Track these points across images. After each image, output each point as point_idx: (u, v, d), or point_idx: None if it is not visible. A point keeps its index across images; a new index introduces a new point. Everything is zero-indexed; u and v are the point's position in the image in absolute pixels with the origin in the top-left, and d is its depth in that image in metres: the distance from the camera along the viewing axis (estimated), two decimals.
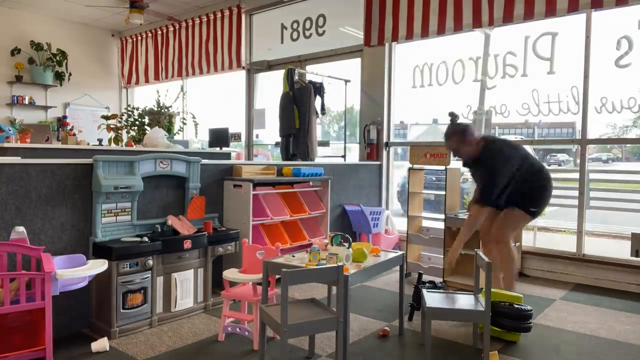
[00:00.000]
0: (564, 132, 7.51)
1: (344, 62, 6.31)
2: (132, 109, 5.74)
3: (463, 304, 2.80)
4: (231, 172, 4.25)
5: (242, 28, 7.20)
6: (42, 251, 2.77)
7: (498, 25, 4.97)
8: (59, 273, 2.61)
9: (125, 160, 3.34)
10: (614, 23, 4.46)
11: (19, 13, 7.79)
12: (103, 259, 2.99)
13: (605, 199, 4.84)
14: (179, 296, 3.44)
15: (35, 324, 2.79)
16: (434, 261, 4.63)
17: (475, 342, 3.02)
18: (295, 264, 2.80)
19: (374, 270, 3.00)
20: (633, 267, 4.27)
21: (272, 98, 6.23)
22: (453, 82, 5.34)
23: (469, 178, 6.85)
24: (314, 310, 2.57)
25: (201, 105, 7.80)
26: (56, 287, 2.65)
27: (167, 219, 3.57)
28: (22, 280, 2.56)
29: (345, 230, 5.28)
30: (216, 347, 3.00)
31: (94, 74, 8.81)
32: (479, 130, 5.28)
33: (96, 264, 2.90)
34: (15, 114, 7.71)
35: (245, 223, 4.02)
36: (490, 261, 2.59)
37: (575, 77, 4.57)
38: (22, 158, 3.05)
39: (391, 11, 5.61)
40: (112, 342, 3.02)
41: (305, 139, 5.62)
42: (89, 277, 2.84)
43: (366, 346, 3.03)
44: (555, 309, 3.79)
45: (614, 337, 3.22)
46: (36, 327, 2.78)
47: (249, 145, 7.31)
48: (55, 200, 3.08)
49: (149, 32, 8.56)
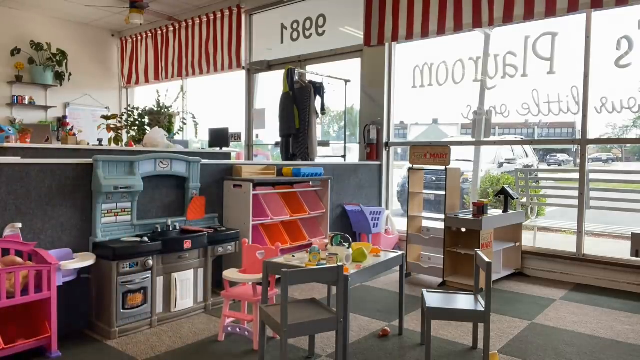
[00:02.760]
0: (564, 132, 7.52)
1: (344, 62, 6.31)
2: (132, 109, 5.74)
3: (463, 304, 2.80)
4: (231, 172, 4.25)
5: (242, 28, 7.19)
6: (34, 247, 2.89)
7: (498, 25, 4.97)
8: (62, 264, 2.80)
9: (125, 160, 3.34)
10: (614, 23, 4.46)
11: (19, 13, 7.79)
12: (90, 253, 3.15)
13: (605, 199, 4.84)
14: (179, 296, 3.44)
15: (33, 316, 2.85)
16: (434, 261, 4.63)
17: (475, 342, 3.03)
18: (295, 264, 2.80)
19: (374, 270, 3.00)
20: (633, 267, 4.27)
21: (272, 98, 6.23)
22: (453, 82, 5.33)
23: (469, 178, 6.88)
24: (314, 310, 2.57)
25: (201, 105, 7.80)
26: (60, 277, 2.80)
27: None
28: (31, 272, 2.70)
29: (345, 230, 5.28)
30: (216, 347, 3.00)
31: (94, 74, 8.81)
32: (479, 130, 5.28)
33: (86, 257, 3.05)
34: (15, 114, 7.71)
35: (245, 223, 4.02)
36: (490, 261, 2.59)
37: (575, 77, 4.57)
38: (22, 158, 3.06)
39: (391, 11, 5.61)
40: (112, 342, 3.03)
41: (305, 139, 5.62)
42: (76, 270, 3.02)
43: (366, 346, 3.03)
44: (555, 309, 3.79)
45: (613, 337, 3.22)
46: (35, 319, 2.84)
47: (249, 145, 7.31)
48: (55, 200, 3.08)
49: (149, 32, 8.56)
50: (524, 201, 5.50)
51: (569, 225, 5.35)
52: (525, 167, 8.00)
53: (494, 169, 8.05)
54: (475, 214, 4.34)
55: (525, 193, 5.48)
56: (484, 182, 7.30)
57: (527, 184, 5.49)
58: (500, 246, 4.57)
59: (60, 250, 3.02)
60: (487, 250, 4.22)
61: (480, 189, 7.02)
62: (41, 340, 2.74)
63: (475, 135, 5.34)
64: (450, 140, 6.10)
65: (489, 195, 6.84)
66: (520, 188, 5.48)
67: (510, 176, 7.09)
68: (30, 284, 2.68)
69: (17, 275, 2.62)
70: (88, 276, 3.20)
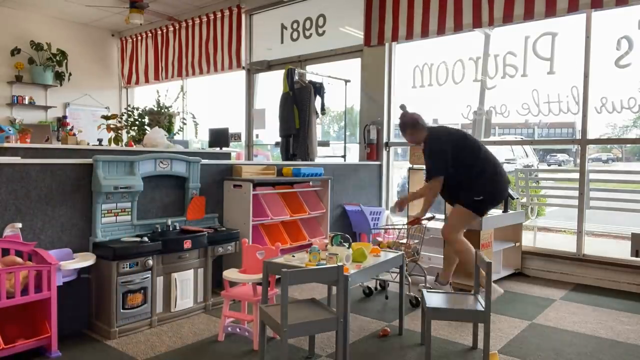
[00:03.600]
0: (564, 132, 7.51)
1: (344, 62, 6.31)
2: (132, 109, 5.73)
3: (463, 304, 2.80)
4: (231, 172, 4.25)
5: (242, 28, 7.19)
6: (34, 247, 2.89)
7: (498, 25, 4.97)
8: (62, 264, 2.80)
9: (125, 160, 3.34)
10: (614, 23, 4.46)
11: (19, 13, 7.79)
12: (90, 253, 3.15)
13: (605, 199, 4.84)
14: (179, 296, 3.44)
15: (33, 316, 2.86)
16: (434, 261, 4.63)
17: (475, 342, 3.03)
18: (295, 264, 2.80)
19: (374, 270, 3.00)
20: (633, 267, 4.27)
21: (272, 98, 6.23)
22: (453, 82, 5.33)
23: None
24: (314, 310, 2.57)
25: (201, 105, 7.80)
26: (60, 277, 2.81)
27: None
28: (31, 272, 2.70)
29: (345, 230, 5.27)
30: (216, 347, 3.00)
31: (94, 74, 8.81)
32: (479, 130, 5.28)
33: (86, 257, 3.05)
34: (15, 114, 7.71)
35: (245, 223, 4.01)
36: (490, 261, 2.59)
37: (575, 77, 4.57)
38: (22, 158, 3.06)
39: (391, 11, 5.61)
40: (112, 342, 3.03)
41: (305, 139, 5.62)
42: (76, 270, 3.03)
43: (366, 346, 3.03)
44: (555, 309, 3.79)
45: (613, 337, 3.22)
46: (35, 319, 2.85)
47: (249, 145, 7.31)
48: (55, 200, 3.08)
49: (149, 32, 8.56)
50: (524, 201, 5.50)
51: (569, 225, 5.35)
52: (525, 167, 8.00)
53: None
54: None
55: (525, 193, 5.47)
56: None
57: (527, 184, 5.49)
58: (500, 246, 4.57)
59: (60, 250, 3.02)
60: (487, 250, 4.22)
61: None
62: (41, 340, 2.75)
63: (475, 135, 5.33)
64: None
65: None
66: (520, 188, 5.48)
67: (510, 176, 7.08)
68: (30, 284, 2.68)
69: (17, 275, 2.63)
70: (88, 276, 3.20)
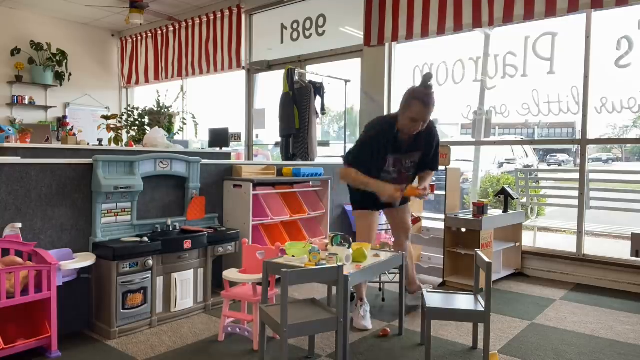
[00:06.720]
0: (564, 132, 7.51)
1: (344, 62, 6.31)
2: (132, 109, 5.73)
3: (463, 304, 2.80)
4: (231, 172, 4.25)
5: (242, 28, 7.19)
6: (34, 247, 2.89)
7: (498, 25, 4.97)
8: (62, 264, 2.80)
9: (125, 160, 3.34)
10: (614, 23, 4.45)
11: (19, 13, 7.79)
12: (90, 253, 3.15)
13: (605, 199, 4.84)
14: (179, 296, 3.44)
15: (33, 316, 2.86)
16: (434, 261, 4.63)
17: (475, 342, 3.03)
18: (295, 264, 2.80)
19: (374, 270, 3.00)
20: (633, 267, 4.27)
21: (272, 98, 6.23)
22: (453, 82, 5.33)
23: (469, 178, 6.88)
24: (314, 310, 2.57)
25: (201, 105, 7.80)
26: (60, 277, 2.81)
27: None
28: (31, 272, 2.70)
29: (345, 230, 5.27)
30: (216, 347, 3.00)
31: (94, 74, 8.81)
32: (479, 130, 5.28)
33: (86, 257, 3.05)
34: (15, 114, 7.71)
35: (245, 223, 4.01)
36: (490, 261, 2.59)
37: (575, 77, 4.57)
38: (22, 158, 3.06)
39: (391, 11, 5.61)
40: (112, 342, 3.03)
41: (305, 139, 5.62)
42: (76, 270, 3.04)
43: (366, 346, 3.03)
44: (555, 309, 3.79)
45: (613, 337, 3.22)
46: (35, 319, 2.85)
47: (249, 145, 7.31)
48: (55, 200, 3.08)
49: (149, 32, 8.56)
50: (524, 201, 5.50)
51: (569, 225, 5.35)
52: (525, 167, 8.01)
53: (494, 169, 8.06)
54: (475, 214, 4.34)
55: (525, 193, 5.48)
56: (484, 182, 7.31)
57: (527, 184, 5.49)
58: (500, 246, 4.57)
59: (60, 251, 3.02)
60: (487, 250, 4.22)
61: (480, 189, 7.02)
62: (41, 340, 2.75)
63: (475, 135, 5.34)
64: (450, 140, 6.09)
65: (489, 195, 6.85)
66: (520, 188, 5.49)
67: (510, 176, 7.10)
68: (30, 284, 2.68)
69: (17, 275, 2.63)
70: (88, 276, 3.20)
